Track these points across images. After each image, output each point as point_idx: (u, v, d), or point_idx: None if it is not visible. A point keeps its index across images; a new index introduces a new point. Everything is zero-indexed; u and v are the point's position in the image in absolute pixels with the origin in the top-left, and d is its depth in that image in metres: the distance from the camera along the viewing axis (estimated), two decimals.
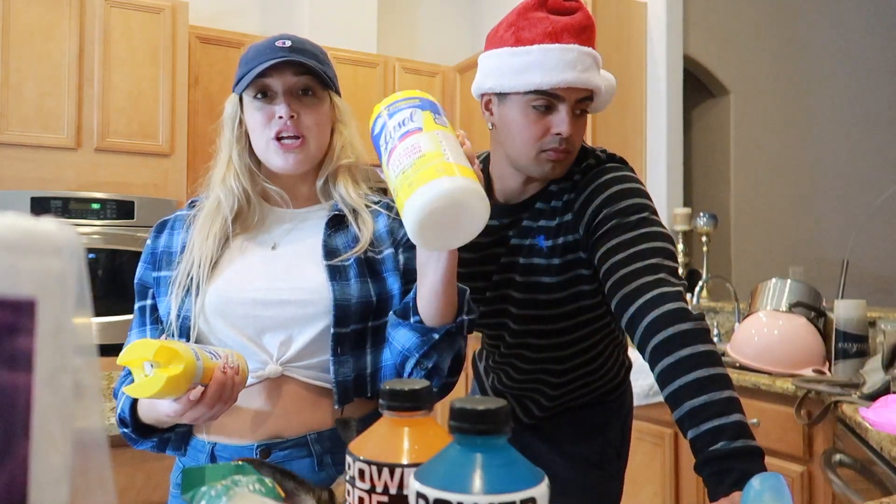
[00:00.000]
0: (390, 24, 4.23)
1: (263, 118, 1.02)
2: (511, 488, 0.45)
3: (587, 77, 1.10)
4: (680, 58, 3.35)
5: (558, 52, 1.09)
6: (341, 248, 1.03)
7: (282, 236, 1.06)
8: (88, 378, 0.35)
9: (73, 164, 3.02)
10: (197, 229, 1.04)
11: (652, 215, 1.10)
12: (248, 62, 1.03)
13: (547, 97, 1.10)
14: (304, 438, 0.97)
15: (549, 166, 1.13)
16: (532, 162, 1.14)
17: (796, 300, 2.29)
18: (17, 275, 0.32)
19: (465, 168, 0.80)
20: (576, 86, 1.09)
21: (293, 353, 0.98)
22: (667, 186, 3.29)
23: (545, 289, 1.21)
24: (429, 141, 0.82)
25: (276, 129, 1.01)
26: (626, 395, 1.43)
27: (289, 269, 1.01)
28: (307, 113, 1.03)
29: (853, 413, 1.62)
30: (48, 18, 2.97)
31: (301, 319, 0.98)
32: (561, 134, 1.10)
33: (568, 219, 1.17)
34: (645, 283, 1.00)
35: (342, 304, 0.97)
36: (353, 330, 0.98)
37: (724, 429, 0.86)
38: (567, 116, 1.10)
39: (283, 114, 1.00)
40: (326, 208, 1.09)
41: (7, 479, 0.31)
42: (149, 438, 0.99)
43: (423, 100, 0.89)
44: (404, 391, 0.58)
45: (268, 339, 0.98)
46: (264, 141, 1.02)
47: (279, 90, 1.02)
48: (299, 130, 1.02)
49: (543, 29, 1.11)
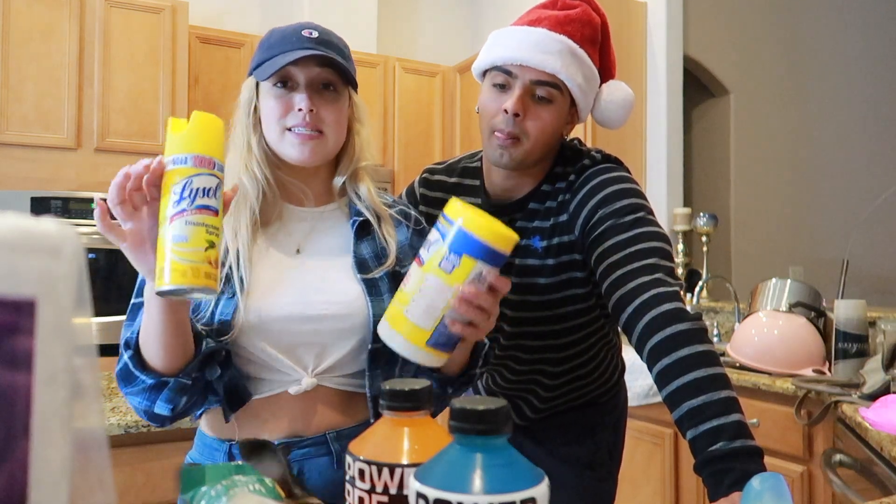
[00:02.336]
0: (390, 24, 4.23)
1: (280, 108, 0.99)
2: (511, 488, 0.45)
3: (545, 59, 1.09)
4: (680, 58, 3.35)
5: (523, 32, 1.11)
6: (368, 259, 1.02)
7: (303, 238, 1.03)
8: (88, 378, 0.35)
9: (73, 164, 3.02)
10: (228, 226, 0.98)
11: (648, 215, 1.10)
12: (271, 47, 0.99)
13: (503, 74, 1.11)
14: (323, 437, 0.97)
15: (497, 152, 1.12)
16: (486, 143, 1.15)
17: (796, 300, 2.29)
18: (17, 275, 0.32)
19: (413, 328, 0.82)
20: (529, 65, 1.09)
21: (328, 365, 0.98)
22: (667, 186, 3.29)
23: (539, 290, 1.20)
24: (414, 281, 0.83)
25: (293, 121, 0.98)
26: (619, 397, 1.43)
27: (322, 280, 0.99)
28: (327, 108, 1.00)
29: (853, 413, 1.62)
30: (48, 18, 2.97)
31: (337, 333, 0.98)
32: (507, 111, 1.09)
33: (563, 219, 1.16)
34: (642, 284, 1.00)
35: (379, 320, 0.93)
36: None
37: (723, 429, 0.86)
38: (517, 94, 1.09)
39: (303, 106, 0.97)
40: (341, 208, 1.07)
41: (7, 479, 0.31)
42: (147, 374, 0.88)
43: (461, 235, 0.80)
44: (404, 391, 0.58)
45: (302, 352, 0.97)
46: (278, 130, 0.99)
47: (301, 81, 0.99)
48: (317, 125, 0.99)
49: (530, 17, 1.14)
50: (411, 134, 3.94)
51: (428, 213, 1.26)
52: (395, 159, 3.90)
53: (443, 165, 1.34)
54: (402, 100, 3.90)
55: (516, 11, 1.37)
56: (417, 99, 3.96)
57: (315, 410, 0.98)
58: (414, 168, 3.94)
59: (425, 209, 1.27)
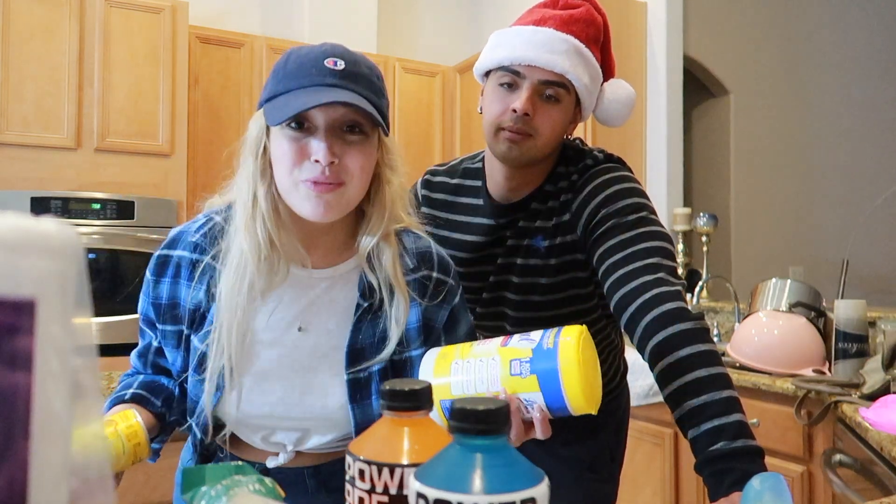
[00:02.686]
0: (390, 24, 4.23)
1: (295, 154, 0.83)
2: (511, 488, 0.45)
3: (553, 59, 1.09)
4: (680, 58, 3.35)
5: (530, 32, 1.11)
6: (365, 348, 0.92)
7: (306, 311, 0.93)
8: (88, 378, 0.35)
9: (73, 164, 3.02)
10: (224, 306, 0.88)
11: (650, 215, 1.10)
12: (287, 78, 0.85)
13: (511, 74, 1.11)
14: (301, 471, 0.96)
15: (504, 146, 1.12)
16: (492, 140, 1.14)
17: (796, 300, 2.29)
18: (17, 275, 0.32)
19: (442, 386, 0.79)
20: (537, 65, 1.09)
21: (308, 447, 0.96)
22: (667, 186, 3.29)
23: (541, 290, 1.20)
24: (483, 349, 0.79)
25: (308, 174, 0.83)
26: (621, 398, 1.43)
27: (307, 376, 0.92)
28: (351, 155, 0.84)
29: (853, 413, 1.62)
30: (48, 18, 2.97)
31: (318, 428, 0.94)
32: (516, 111, 1.09)
33: (566, 219, 1.17)
34: (644, 283, 1.00)
35: (363, 425, 0.89)
36: None
37: (723, 429, 0.86)
38: (525, 94, 1.10)
39: (321, 157, 0.82)
40: (355, 270, 0.95)
41: (7, 479, 0.31)
42: None
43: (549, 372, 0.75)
44: (404, 391, 0.58)
45: (281, 436, 0.94)
46: (291, 181, 0.84)
47: (320, 124, 0.83)
48: (338, 177, 0.84)
49: (534, 16, 1.14)
50: (411, 134, 3.94)
51: (430, 214, 1.26)
52: None
53: (444, 167, 1.34)
54: (402, 100, 3.90)
55: (516, 11, 1.37)
56: (417, 99, 3.96)
57: (294, 461, 0.97)
58: (414, 168, 3.93)
59: (427, 211, 1.27)
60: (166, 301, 0.93)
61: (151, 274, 0.95)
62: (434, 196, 1.30)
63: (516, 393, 0.77)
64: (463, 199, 1.28)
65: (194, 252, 0.92)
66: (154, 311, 0.94)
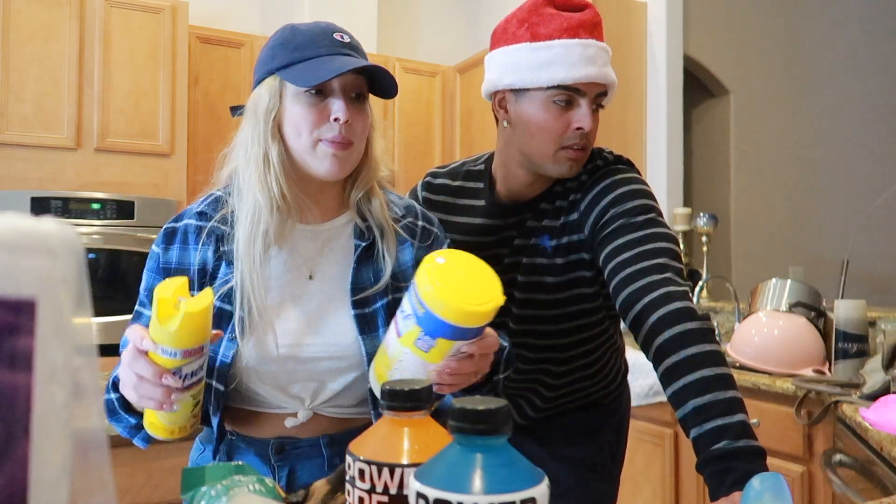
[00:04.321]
0: (390, 24, 4.23)
1: (315, 117, 0.92)
2: (511, 488, 0.45)
3: (606, 72, 1.12)
4: (680, 58, 3.35)
5: (580, 47, 1.11)
6: (368, 286, 0.99)
7: (314, 260, 1.00)
8: (88, 378, 0.35)
9: (73, 164, 3.02)
10: (242, 255, 0.93)
11: (658, 217, 1.10)
12: (300, 48, 0.93)
13: (569, 92, 1.11)
14: (317, 440, 0.97)
15: (567, 165, 1.14)
16: (550, 160, 1.14)
17: (796, 300, 2.29)
18: (17, 275, 0.32)
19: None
20: (597, 80, 1.11)
21: (324, 398, 0.98)
22: (667, 186, 3.29)
23: (546, 289, 1.21)
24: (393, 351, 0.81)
25: (328, 133, 0.92)
26: (622, 399, 1.43)
27: (319, 315, 0.97)
28: (358, 118, 0.95)
29: (853, 413, 1.62)
30: (48, 18, 2.97)
31: (333, 371, 0.97)
32: (582, 129, 1.11)
33: (573, 219, 1.17)
34: (651, 282, 1.00)
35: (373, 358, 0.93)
36: None
37: (726, 428, 0.86)
38: (588, 111, 1.11)
39: (341, 116, 0.91)
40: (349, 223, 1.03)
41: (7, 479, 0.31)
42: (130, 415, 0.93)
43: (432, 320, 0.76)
44: (404, 391, 0.58)
45: (298, 388, 0.97)
46: (310, 141, 0.93)
47: (336, 88, 0.93)
48: (350, 137, 0.94)
49: (559, 25, 1.13)
50: (411, 134, 3.94)
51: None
52: (396, 160, 3.90)
53: (445, 169, 1.35)
54: (402, 100, 3.90)
55: None
56: (417, 99, 3.96)
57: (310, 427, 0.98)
58: (414, 168, 3.94)
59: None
60: (175, 265, 0.97)
61: (160, 244, 0.99)
62: (435, 198, 1.31)
63: (440, 360, 0.79)
64: (462, 201, 1.29)
65: (200, 220, 0.99)
66: (163, 275, 0.98)
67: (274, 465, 0.96)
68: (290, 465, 0.96)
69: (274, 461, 0.96)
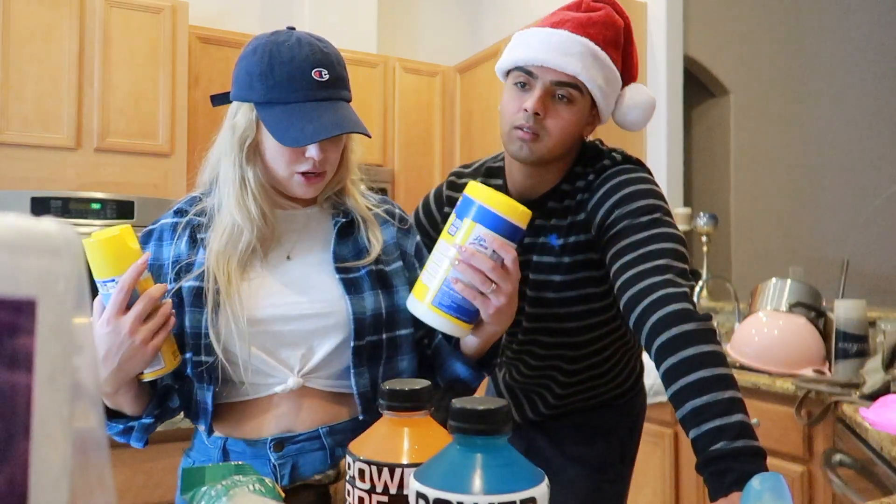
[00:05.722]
0: (390, 24, 4.23)
1: (290, 157, 0.97)
2: (511, 488, 0.45)
3: (565, 60, 1.11)
4: (680, 58, 3.35)
5: (545, 33, 1.14)
6: (349, 258, 1.03)
7: (293, 243, 1.04)
8: (88, 378, 0.35)
9: (73, 164, 3.02)
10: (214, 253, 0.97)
11: (665, 216, 1.10)
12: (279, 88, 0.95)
13: (525, 74, 1.14)
14: (316, 432, 0.98)
15: (516, 145, 1.15)
16: (506, 139, 1.17)
17: (796, 300, 2.29)
18: (17, 275, 0.32)
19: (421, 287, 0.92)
20: (548, 66, 1.12)
21: (313, 364, 0.99)
22: (667, 186, 3.29)
23: (555, 287, 1.22)
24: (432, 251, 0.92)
25: (304, 167, 0.97)
26: (636, 400, 1.42)
27: (304, 280, 1.00)
28: (333, 151, 1.00)
29: (853, 413, 1.62)
30: (48, 18, 2.97)
31: (320, 332, 0.99)
32: (527, 110, 1.12)
33: (581, 218, 1.18)
34: (652, 284, 1.01)
35: (359, 318, 0.98)
36: (370, 342, 1.00)
37: (725, 429, 0.86)
38: (537, 94, 1.12)
39: (315, 156, 0.96)
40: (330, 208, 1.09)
41: (7, 479, 0.31)
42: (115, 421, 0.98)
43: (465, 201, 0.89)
44: (404, 391, 0.58)
45: (287, 353, 0.98)
46: (286, 173, 0.98)
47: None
48: (325, 167, 0.99)
49: (554, 19, 1.16)
50: (411, 134, 3.94)
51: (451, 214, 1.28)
52: (395, 159, 3.90)
53: (469, 168, 1.37)
54: (402, 100, 3.90)
55: (516, 12, 1.38)
56: (417, 99, 3.96)
57: (303, 407, 0.99)
58: (414, 168, 3.94)
59: (450, 211, 1.28)
60: (151, 262, 1.00)
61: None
62: (457, 196, 1.31)
63: (463, 242, 0.87)
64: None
65: (175, 216, 1.05)
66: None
67: (275, 464, 0.96)
68: (291, 461, 0.96)
69: (274, 460, 0.96)
